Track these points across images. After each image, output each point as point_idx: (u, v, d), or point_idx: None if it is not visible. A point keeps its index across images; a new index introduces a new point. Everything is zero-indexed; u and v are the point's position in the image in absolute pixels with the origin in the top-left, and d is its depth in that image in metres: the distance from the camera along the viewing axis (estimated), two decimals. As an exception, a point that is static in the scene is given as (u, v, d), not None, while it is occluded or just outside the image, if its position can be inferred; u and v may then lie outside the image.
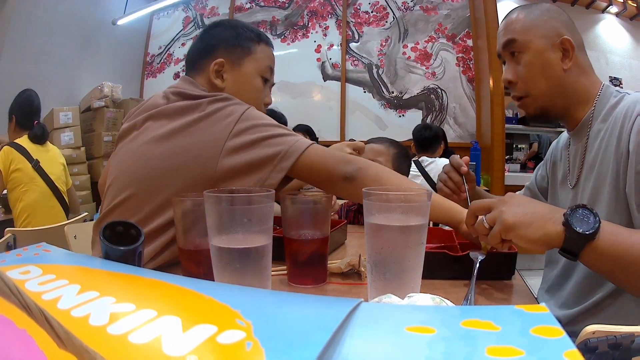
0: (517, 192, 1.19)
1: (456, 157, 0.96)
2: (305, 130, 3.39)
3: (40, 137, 2.34)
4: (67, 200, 2.46)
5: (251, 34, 0.95)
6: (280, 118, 2.89)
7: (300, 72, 4.23)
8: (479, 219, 0.69)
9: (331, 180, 0.83)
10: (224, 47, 0.93)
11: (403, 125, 4.03)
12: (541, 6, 0.91)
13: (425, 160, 2.63)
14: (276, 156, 0.80)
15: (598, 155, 0.84)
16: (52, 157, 2.41)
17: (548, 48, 0.87)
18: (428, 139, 2.82)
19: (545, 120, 0.92)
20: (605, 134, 0.83)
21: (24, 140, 2.30)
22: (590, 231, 0.61)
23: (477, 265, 0.71)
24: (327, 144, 3.50)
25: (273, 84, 1.09)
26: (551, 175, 1.05)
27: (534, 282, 1.08)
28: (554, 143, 1.09)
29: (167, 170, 0.82)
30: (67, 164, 2.56)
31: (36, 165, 2.27)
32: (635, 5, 4.08)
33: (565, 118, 0.92)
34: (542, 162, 1.12)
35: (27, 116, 2.37)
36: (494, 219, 0.66)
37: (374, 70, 4.17)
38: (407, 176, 1.44)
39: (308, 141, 0.83)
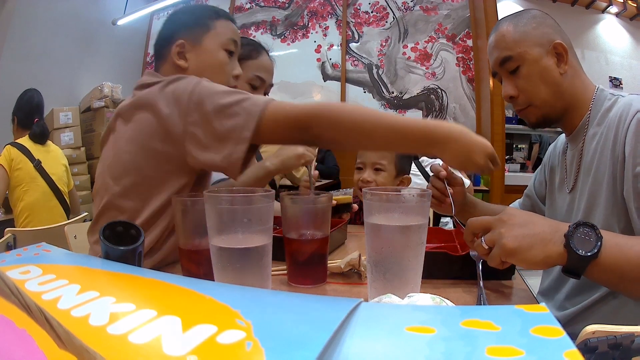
0: (515, 201, 1.19)
1: (436, 164, 0.95)
2: None
3: (40, 136, 2.33)
4: (68, 202, 2.45)
5: (209, 12, 0.95)
6: None
7: (300, 72, 4.22)
8: (477, 239, 0.67)
9: (293, 142, 0.81)
10: (183, 30, 0.93)
11: (403, 125, 4.02)
12: (527, 14, 0.91)
13: (425, 160, 2.64)
14: (235, 128, 0.76)
15: (594, 159, 0.84)
16: (54, 157, 2.41)
17: (543, 55, 0.87)
18: None
19: (546, 126, 0.92)
20: (601, 138, 0.83)
21: (25, 140, 2.30)
22: (593, 251, 0.60)
23: (480, 265, 0.72)
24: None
25: (271, 74, 1.09)
26: (549, 179, 1.05)
27: (534, 282, 1.07)
28: (551, 147, 1.08)
29: (139, 160, 0.82)
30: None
31: (37, 165, 2.26)
32: (635, 5, 4.08)
33: (564, 122, 0.92)
34: (540, 167, 1.12)
35: (27, 115, 2.38)
36: (492, 241, 0.64)
37: (374, 71, 4.16)
38: (409, 173, 1.42)
39: (262, 102, 0.76)
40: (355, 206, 1.21)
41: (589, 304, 0.85)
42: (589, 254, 0.59)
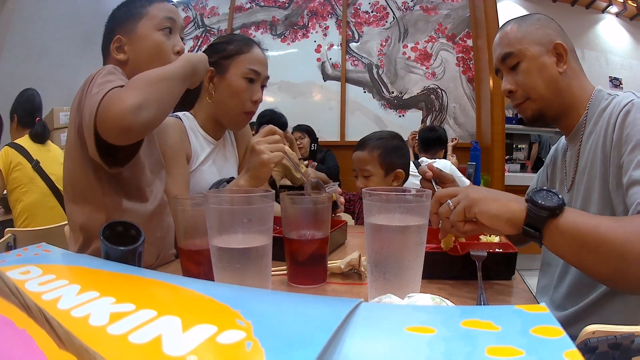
0: None
1: (423, 166, 0.96)
2: (306, 130, 3.39)
3: (41, 136, 2.31)
4: None
5: (142, 1, 0.95)
6: (280, 118, 2.89)
7: (300, 72, 4.22)
8: (444, 203, 0.70)
9: (133, 129, 0.74)
10: (119, 25, 0.94)
11: (403, 125, 4.02)
12: (532, 17, 0.95)
13: (424, 161, 2.64)
14: (87, 119, 0.74)
15: (589, 158, 0.86)
16: (53, 157, 2.39)
17: (543, 53, 0.89)
18: (429, 140, 2.83)
19: (542, 123, 0.94)
20: (595, 137, 0.85)
21: (24, 140, 2.28)
22: (553, 205, 0.62)
23: (480, 265, 0.72)
24: (327, 144, 3.49)
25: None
26: (550, 181, 1.06)
27: (534, 282, 1.07)
28: (552, 148, 1.10)
29: (70, 162, 0.85)
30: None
31: (36, 166, 2.25)
32: (635, 5, 4.08)
33: (561, 122, 0.94)
34: (542, 168, 1.13)
35: (29, 114, 2.35)
36: (459, 200, 0.68)
37: (374, 70, 4.16)
38: (408, 170, 1.41)
39: (104, 92, 0.73)
40: (342, 199, 1.19)
41: (586, 306, 0.85)
42: (548, 206, 0.62)
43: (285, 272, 0.76)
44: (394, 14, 4.18)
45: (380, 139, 1.39)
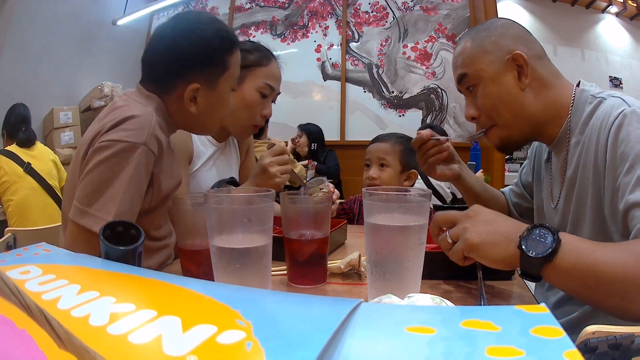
0: (506, 187, 1.18)
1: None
2: (305, 130, 3.38)
3: (26, 141, 2.46)
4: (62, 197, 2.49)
5: (224, 43, 0.85)
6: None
7: (300, 72, 4.22)
8: (443, 233, 0.67)
9: None
10: (199, 68, 0.83)
11: (403, 125, 4.02)
12: (491, 25, 0.85)
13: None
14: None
15: (577, 171, 0.79)
16: (40, 155, 2.51)
17: (501, 71, 0.81)
18: None
19: (513, 148, 0.87)
20: (583, 148, 0.77)
21: (13, 147, 2.43)
22: (545, 253, 0.57)
23: (480, 265, 0.72)
24: (327, 144, 3.49)
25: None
26: (536, 187, 1.00)
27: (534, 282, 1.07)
28: (536, 144, 1.03)
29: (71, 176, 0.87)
30: (67, 163, 2.59)
31: (27, 168, 2.35)
32: (635, 5, 4.08)
33: (538, 137, 0.87)
34: (526, 163, 1.09)
35: (15, 127, 2.54)
36: (457, 235, 0.63)
37: (374, 70, 4.16)
38: (416, 168, 1.40)
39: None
40: (337, 194, 1.18)
41: (586, 309, 0.84)
42: (540, 255, 0.57)
43: (285, 272, 0.76)
44: (393, 14, 4.18)
45: (401, 138, 1.41)
